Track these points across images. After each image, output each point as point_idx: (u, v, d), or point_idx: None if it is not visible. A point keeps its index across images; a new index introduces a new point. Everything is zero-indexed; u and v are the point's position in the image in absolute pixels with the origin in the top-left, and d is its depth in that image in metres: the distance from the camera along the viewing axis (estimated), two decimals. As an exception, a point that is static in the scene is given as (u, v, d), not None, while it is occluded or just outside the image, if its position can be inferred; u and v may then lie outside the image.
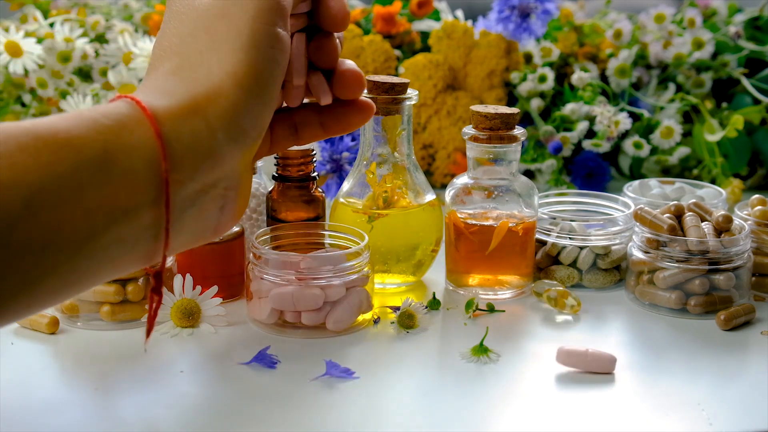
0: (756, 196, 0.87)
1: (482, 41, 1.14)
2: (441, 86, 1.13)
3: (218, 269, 0.79)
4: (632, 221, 0.83)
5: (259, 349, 0.69)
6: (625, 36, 1.23)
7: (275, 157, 0.80)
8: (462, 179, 0.83)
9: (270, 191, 0.81)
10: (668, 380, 0.68)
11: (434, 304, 0.79)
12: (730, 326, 0.76)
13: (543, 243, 0.85)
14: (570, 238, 0.84)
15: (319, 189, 0.82)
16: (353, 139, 1.00)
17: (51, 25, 1.11)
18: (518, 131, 0.80)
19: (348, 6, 0.57)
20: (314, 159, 0.81)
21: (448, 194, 0.83)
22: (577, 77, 1.14)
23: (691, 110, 1.16)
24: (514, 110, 0.80)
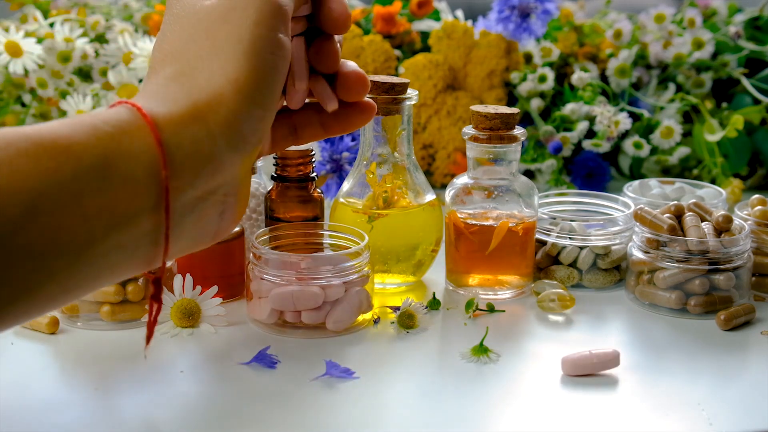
0: (756, 196, 0.87)
1: (482, 41, 1.14)
2: (441, 86, 1.13)
3: (218, 269, 0.79)
4: (632, 221, 0.83)
5: (259, 349, 0.69)
6: (625, 36, 1.23)
7: (274, 157, 0.80)
8: (462, 179, 0.83)
9: (269, 191, 0.81)
10: (668, 380, 0.68)
11: (434, 304, 0.79)
12: (730, 326, 0.76)
13: (543, 243, 0.85)
14: (570, 238, 0.84)
15: (318, 189, 0.82)
16: (353, 139, 1.00)
17: (51, 25, 1.11)
18: (518, 131, 0.80)
19: (349, 8, 0.57)
20: (313, 159, 0.81)
21: (448, 194, 0.83)
22: (577, 77, 1.14)
23: (691, 110, 1.16)
24: (514, 110, 0.80)
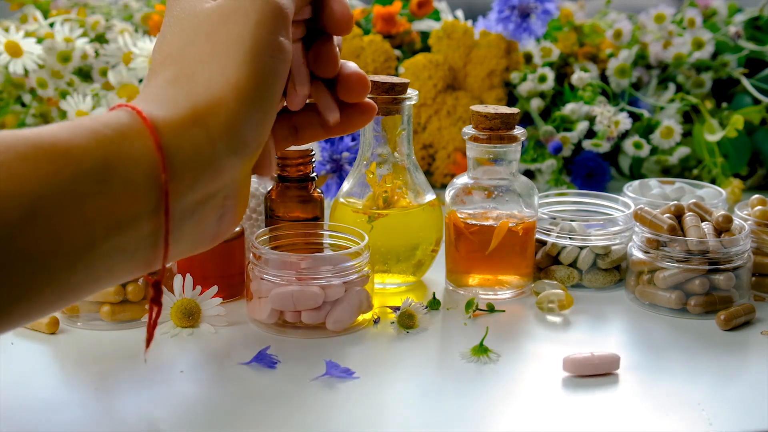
0: (756, 196, 0.87)
1: (482, 41, 1.14)
2: (441, 86, 1.13)
3: (218, 269, 0.79)
4: (632, 221, 0.83)
5: (259, 349, 0.69)
6: (625, 36, 1.23)
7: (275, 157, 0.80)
8: (462, 179, 0.83)
9: (269, 191, 0.81)
10: (668, 380, 0.68)
11: (434, 304, 0.79)
12: (730, 326, 0.76)
13: (543, 243, 0.85)
14: (570, 238, 0.84)
15: (318, 189, 0.82)
16: (353, 139, 1.00)
17: (51, 25, 1.11)
18: (518, 131, 0.80)
19: (351, 9, 0.57)
20: (313, 159, 0.81)
21: (448, 194, 0.83)
22: (577, 77, 1.14)
23: (691, 110, 1.16)
24: (514, 110, 0.80)
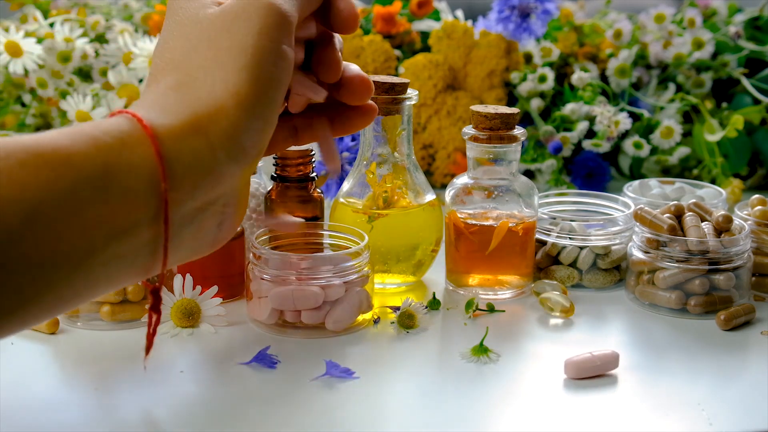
0: (756, 196, 0.87)
1: (482, 41, 1.14)
2: (441, 86, 1.13)
3: (218, 269, 0.79)
4: (632, 221, 0.83)
5: (259, 349, 0.69)
6: (625, 36, 1.23)
7: (274, 158, 0.80)
8: (462, 179, 0.83)
9: (269, 191, 0.81)
10: (668, 380, 0.68)
11: (434, 304, 0.79)
12: (730, 326, 0.76)
13: (543, 243, 0.85)
14: (570, 238, 0.84)
15: (318, 189, 0.82)
16: (353, 139, 1.00)
17: (51, 25, 1.11)
18: (518, 131, 0.80)
19: (356, 7, 0.56)
20: (313, 159, 0.81)
21: (448, 194, 0.83)
22: (577, 77, 1.14)
23: (691, 110, 1.16)
24: (514, 110, 0.80)
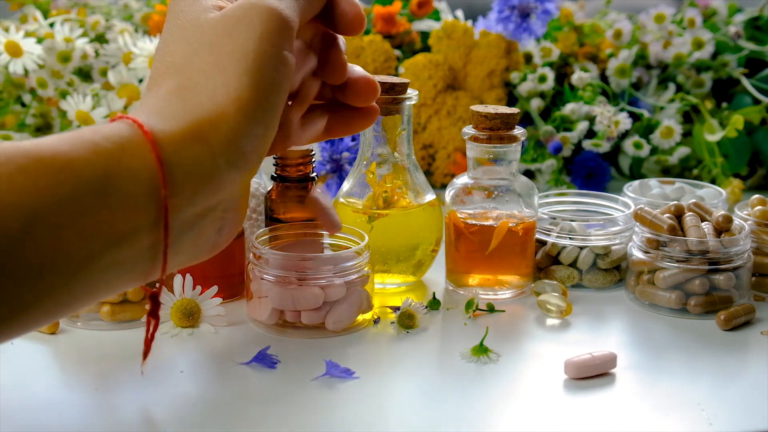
0: (756, 196, 0.87)
1: (482, 41, 1.14)
2: (441, 86, 1.13)
3: (218, 269, 0.79)
4: (632, 221, 0.83)
5: (259, 349, 0.69)
6: (625, 36, 1.23)
7: (274, 158, 0.80)
8: (462, 179, 0.83)
9: (269, 191, 0.81)
10: (668, 380, 0.68)
11: (434, 304, 0.79)
12: (730, 326, 0.76)
13: (543, 243, 0.85)
14: (570, 238, 0.84)
15: (318, 189, 0.82)
16: (353, 139, 1.00)
17: (51, 25, 1.11)
18: (518, 131, 0.80)
19: (361, 8, 0.56)
20: (313, 159, 0.81)
21: (448, 194, 0.83)
22: (577, 77, 1.14)
23: (691, 110, 1.16)
24: (514, 110, 0.80)
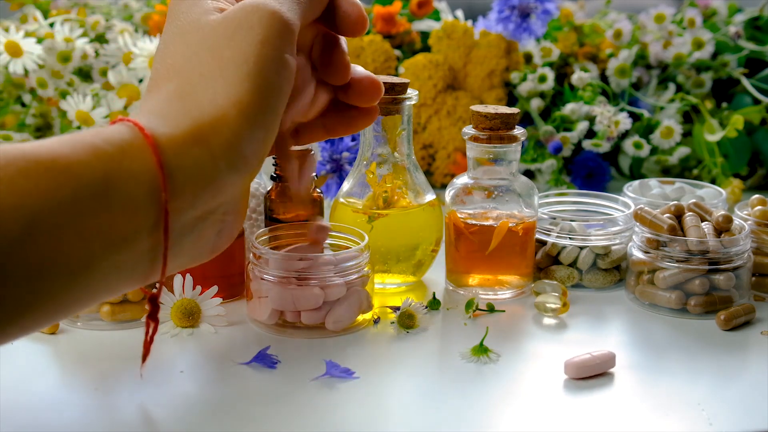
0: (756, 196, 0.87)
1: (482, 41, 1.14)
2: (441, 86, 1.13)
3: (218, 269, 0.79)
4: (632, 221, 0.83)
5: (259, 349, 0.69)
6: (625, 36, 1.23)
7: (274, 158, 0.80)
8: (462, 179, 0.83)
9: (269, 191, 0.81)
10: (668, 380, 0.68)
11: (434, 304, 0.79)
12: (730, 326, 0.76)
13: (543, 243, 0.85)
14: (570, 238, 0.84)
15: (318, 189, 0.82)
16: (353, 139, 1.00)
17: (51, 25, 1.11)
18: (518, 131, 0.80)
19: (363, 9, 0.56)
20: (313, 156, 0.81)
21: (448, 194, 0.83)
22: (577, 77, 1.14)
23: (691, 110, 1.16)
24: (514, 110, 0.80)
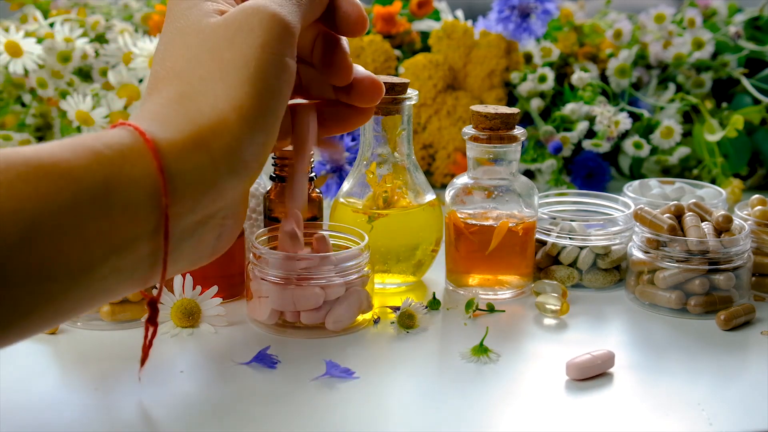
0: (756, 196, 0.87)
1: (482, 41, 1.14)
2: (441, 86, 1.13)
3: (218, 269, 0.79)
4: (632, 221, 0.83)
5: (259, 349, 0.69)
6: (625, 36, 1.23)
7: (273, 157, 0.80)
8: (462, 179, 0.83)
9: (268, 191, 0.81)
10: (668, 380, 0.68)
11: (434, 304, 0.79)
12: (730, 326, 0.76)
13: (543, 243, 0.85)
14: (570, 238, 0.84)
15: (317, 190, 0.82)
16: (353, 139, 1.00)
17: (51, 25, 1.11)
18: (518, 131, 0.80)
19: (363, 9, 0.56)
20: (312, 160, 0.81)
21: (448, 194, 0.83)
22: (577, 77, 1.14)
23: (691, 110, 1.16)
24: (514, 110, 0.80)
